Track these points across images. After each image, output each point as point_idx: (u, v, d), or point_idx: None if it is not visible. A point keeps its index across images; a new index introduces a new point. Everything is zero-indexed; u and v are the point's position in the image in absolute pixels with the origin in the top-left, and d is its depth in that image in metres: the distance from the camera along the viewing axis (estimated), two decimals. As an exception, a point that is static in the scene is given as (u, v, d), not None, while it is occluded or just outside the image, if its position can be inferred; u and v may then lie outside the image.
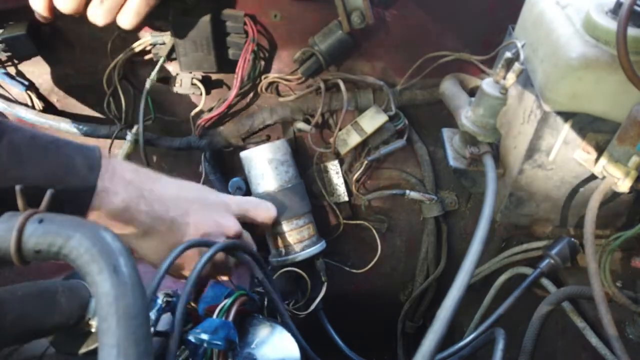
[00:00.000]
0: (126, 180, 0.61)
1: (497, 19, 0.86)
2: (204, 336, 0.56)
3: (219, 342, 0.56)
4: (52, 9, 0.69)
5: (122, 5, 0.70)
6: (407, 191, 0.98)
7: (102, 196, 0.58)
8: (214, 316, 0.62)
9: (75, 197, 0.57)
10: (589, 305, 0.80)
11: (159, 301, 0.57)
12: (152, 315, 0.55)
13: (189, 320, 0.62)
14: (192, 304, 0.65)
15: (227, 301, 0.63)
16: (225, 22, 0.88)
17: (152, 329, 0.54)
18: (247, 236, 0.79)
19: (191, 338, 0.56)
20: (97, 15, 0.70)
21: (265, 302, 0.74)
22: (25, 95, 0.98)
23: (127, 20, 0.71)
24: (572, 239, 0.82)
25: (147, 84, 0.92)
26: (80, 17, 0.70)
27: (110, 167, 0.60)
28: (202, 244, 0.64)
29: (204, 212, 0.69)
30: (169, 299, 0.57)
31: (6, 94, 1.00)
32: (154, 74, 0.92)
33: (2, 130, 0.53)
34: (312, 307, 0.95)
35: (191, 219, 0.67)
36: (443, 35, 0.91)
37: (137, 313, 0.39)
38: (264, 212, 0.85)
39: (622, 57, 0.56)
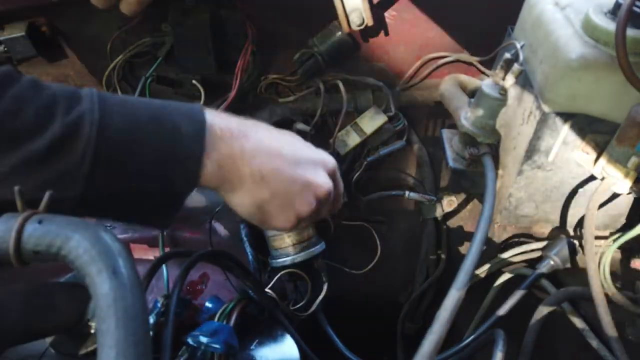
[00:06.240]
0: (224, 139, 0.60)
1: (497, 20, 0.86)
2: (202, 339, 0.56)
3: (217, 346, 0.56)
4: None
5: None
6: (407, 192, 0.98)
7: (203, 162, 0.57)
8: (215, 319, 0.61)
9: (183, 171, 0.55)
10: (588, 306, 0.80)
11: (158, 304, 0.57)
12: (151, 318, 0.55)
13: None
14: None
15: (229, 305, 0.63)
16: (225, 22, 0.88)
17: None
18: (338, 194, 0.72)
19: (189, 341, 0.56)
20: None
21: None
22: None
23: (129, 7, 0.71)
24: (572, 240, 0.82)
25: (142, 81, 0.92)
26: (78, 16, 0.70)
27: (211, 128, 0.58)
28: (182, 254, 0.64)
29: (295, 168, 0.65)
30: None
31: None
32: (150, 72, 0.92)
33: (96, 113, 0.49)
34: (312, 308, 0.95)
35: (282, 176, 0.64)
36: (443, 36, 0.91)
37: (137, 314, 0.39)
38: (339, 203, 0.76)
39: (621, 58, 0.57)
